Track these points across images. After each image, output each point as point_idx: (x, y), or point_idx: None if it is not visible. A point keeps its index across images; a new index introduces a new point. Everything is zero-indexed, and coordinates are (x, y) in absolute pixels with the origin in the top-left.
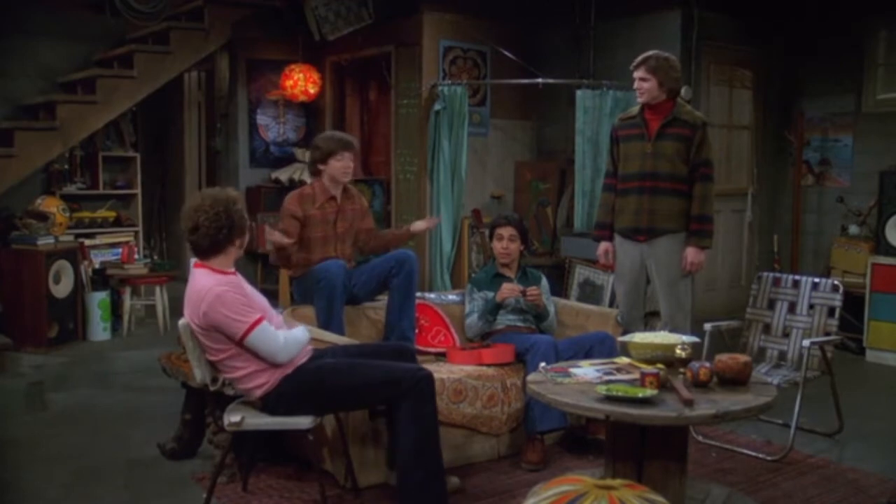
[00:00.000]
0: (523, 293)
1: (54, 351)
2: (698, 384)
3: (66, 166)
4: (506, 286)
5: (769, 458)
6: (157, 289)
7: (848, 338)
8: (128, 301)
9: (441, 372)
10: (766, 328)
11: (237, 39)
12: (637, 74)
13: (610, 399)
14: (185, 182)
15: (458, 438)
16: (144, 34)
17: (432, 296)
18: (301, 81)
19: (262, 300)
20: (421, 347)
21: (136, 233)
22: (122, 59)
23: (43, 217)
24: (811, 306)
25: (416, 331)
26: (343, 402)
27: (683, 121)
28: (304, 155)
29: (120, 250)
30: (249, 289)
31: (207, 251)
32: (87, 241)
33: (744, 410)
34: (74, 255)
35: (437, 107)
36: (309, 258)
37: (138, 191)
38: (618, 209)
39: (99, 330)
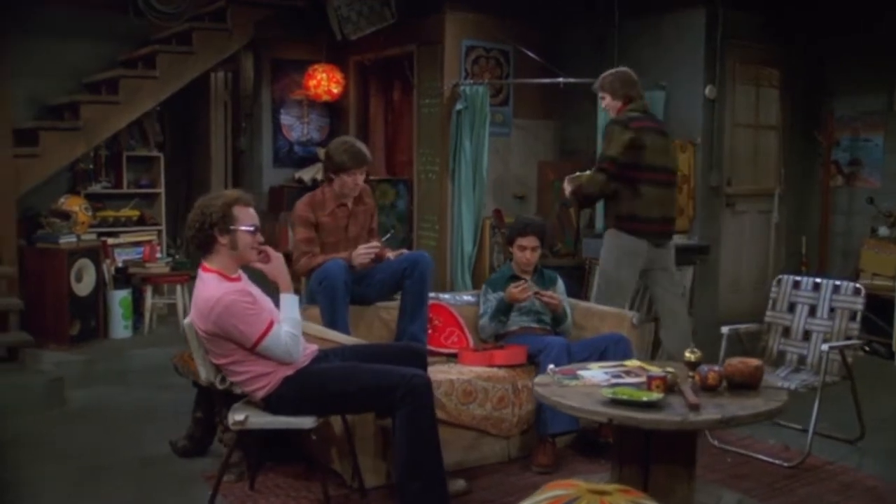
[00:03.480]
0: (537, 294)
1: (76, 348)
2: (707, 388)
3: (91, 166)
4: (512, 288)
5: (786, 464)
6: (179, 287)
7: (877, 342)
8: (149, 299)
9: (450, 373)
10: (786, 332)
11: (262, 39)
12: (599, 96)
13: (614, 402)
14: (211, 182)
15: (467, 440)
16: (168, 35)
17: (447, 296)
18: (324, 81)
19: (268, 301)
20: (433, 348)
21: (160, 232)
22: (145, 59)
23: (65, 216)
24: (832, 310)
25: (430, 331)
26: (340, 407)
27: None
28: None
29: (143, 249)
30: (256, 292)
31: (197, 248)
32: (111, 240)
33: (752, 416)
34: (96, 254)
35: (458, 106)
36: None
37: (161, 190)
38: None
39: (120, 328)
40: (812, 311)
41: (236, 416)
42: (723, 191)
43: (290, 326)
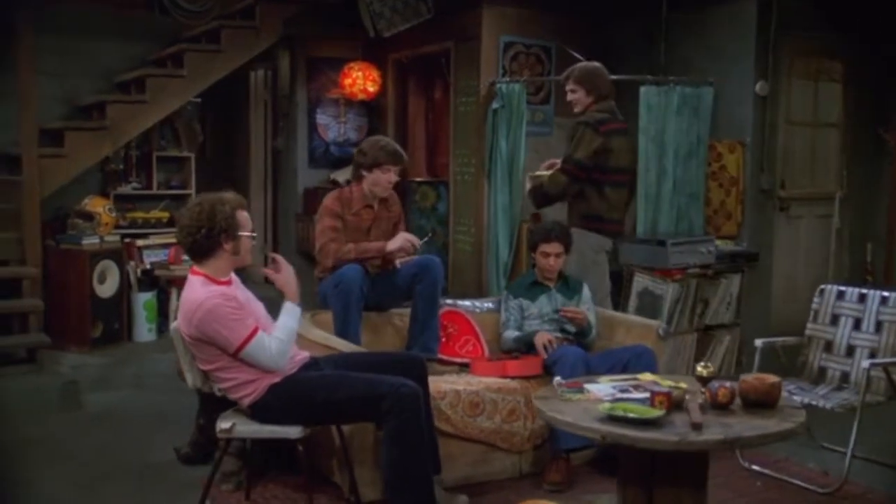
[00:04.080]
0: (561, 312)
1: (97, 351)
2: (717, 406)
3: (121, 166)
4: (541, 339)
5: (821, 489)
6: None
7: None
8: (174, 302)
9: (458, 383)
10: (828, 346)
11: (297, 37)
12: (567, 88)
13: (611, 419)
14: (250, 183)
15: (475, 454)
16: (198, 33)
17: (466, 303)
18: (360, 80)
19: (256, 307)
20: (446, 357)
21: None
22: (174, 58)
23: (89, 217)
24: (879, 323)
25: (444, 339)
26: (328, 417)
27: (574, 124)
28: None
29: (168, 251)
30: (244, 296)
31: (193, 253)
32: (140, 242)
33: (759, 437)
34: (120, 256)
35: (494, 105)
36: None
37: (192, 191)
38: None
39: (144, 331)
40: (857, 325)
41: (223, 425)
42: (775, 194)
43: (281, 334)
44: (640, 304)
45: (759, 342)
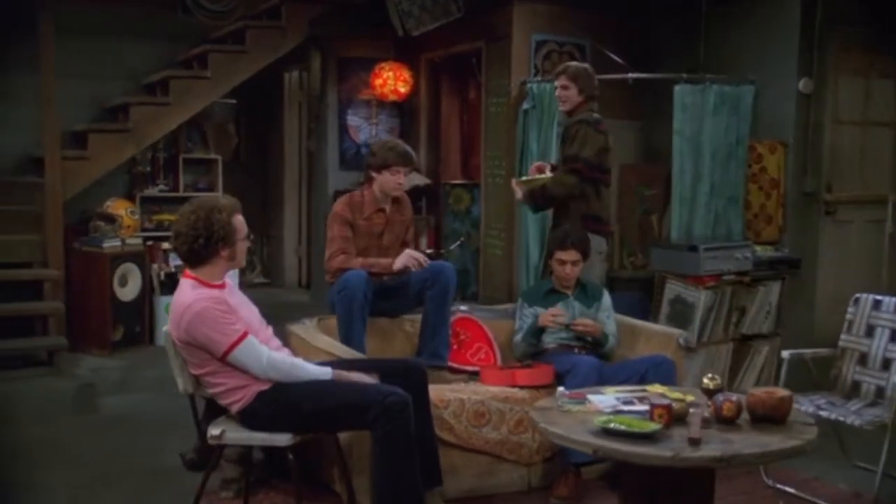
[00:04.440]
0: (567, 326)
1: (117, 354)
2: (723, 420)
3: (148, 168)
4: (545, 315)
5: None
6: None
7: None
8: None
9: (463, 392)
10: (863, 359)
11: (328, 37)
12: (558, 83)
13: (605, 433)
14: (284, 186)
15: (481, 465)
16: (224, 34)
17: (483, 310)
18: (391, 80)
19: (248, 314)
20: (457, 364)
21: None
22: (199, 59)
23: (111, 219)
24: None
25: (456, 347)
26: (315, 425)
27: (569, 124)
28: None
29: None
30: (236, 301)
31: (189, 260)
32: (166, 245)
33: (758, 455)
34: (142, 258)
35: (525, 105)
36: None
37: (219, 194)
38: None
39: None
40: (894, 337)
41: (213, 431)
42: (821, 197)
43: (291, 361)
44: (672, 312)
45: (786, 353)
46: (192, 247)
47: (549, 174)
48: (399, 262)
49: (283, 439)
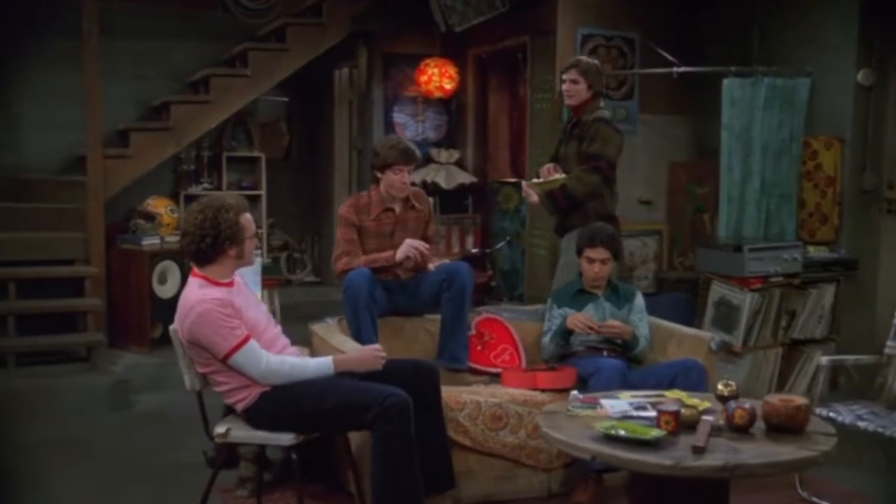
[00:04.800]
0: (595, 330)
1: (156, 351)
2: (735, 429)
3: (193, 167)
4: (572, 318)
5: None
6: (266, 292)
7: None
8: None
9: (480, 394)
10: None
11: (374, 33)
12: (567, 76)
13: (607, 439)
14: (334, 183)
15: (498, 470)
16: (268, 31)
17: (508, 311)
18: (436, 76)
19: (256, 314)
20: (479, 366)
21: (261, 235)
22: (241, 57)
23: (150, 217)
24: None
25: (480, 348)
26: (316, 425)
27: (583, 122)
28: (439, 155)
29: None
30: (243, 301)
31: (197, 259)
32: None
33: (765, 465)
34: (181, 256)
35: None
36: None
37: (262, 191)
38: None
39: None
40: None
41: (219, 429)
42: (882, 195)
43: (292, 363)
44: (717, 315)
45: (824, 360)
46: (199, 246)
47: (561, 175)
48: (400, 253)
49: (286, 439)
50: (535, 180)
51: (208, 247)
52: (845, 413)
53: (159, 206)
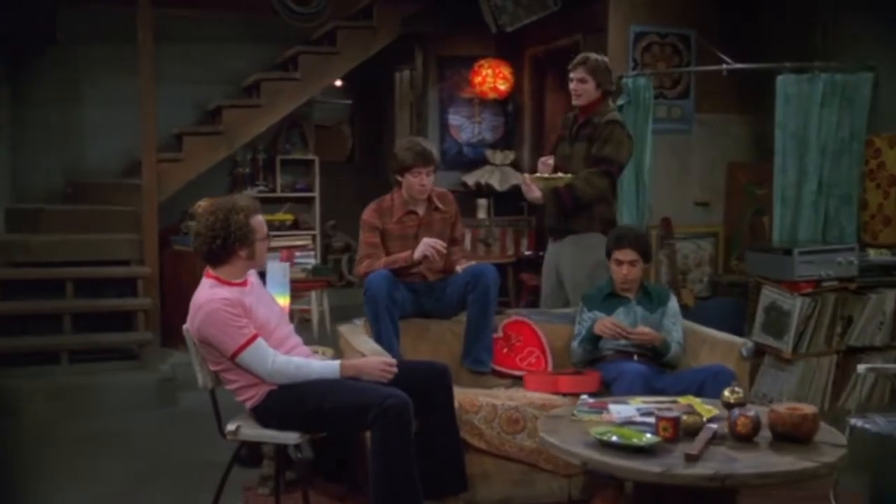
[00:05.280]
0: (623, 335)
1: None
2: (738, 437)
3: (248, 169)
4: (600, 324)
5: None
6: (314, 293)
7: None
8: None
9: (498, 398)
10: None
11: (429, 35)
12: (575, 75)
13: (601, 444)
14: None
15: (516, 473)
16: (321, 35)
17: (537, 314)
18: (490, 78)
19: (266, 313)
20: (503, 368)
21: (314, 236)
22: (294, 61)
23: None
24: None
25: (506, 350)
26: (319, 425)
27: (593, 123)
28: (494, 156)
29: (298, 253)
30: (253, 300)
31: (209, 260)
32: None
33: (758, 475)
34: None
35: (620, 101)
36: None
37: (316, 194)
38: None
39: None
40: None
41: (230, 426)
42: None
43: (298, 363)
44: (767, 320)
45: (861, 368)
46: (210, 247)
47: (566, 174)
48: (418, 252)
49: (291, 437)
50: (537, 175)
51: (219, 248)
52: (882, 423)
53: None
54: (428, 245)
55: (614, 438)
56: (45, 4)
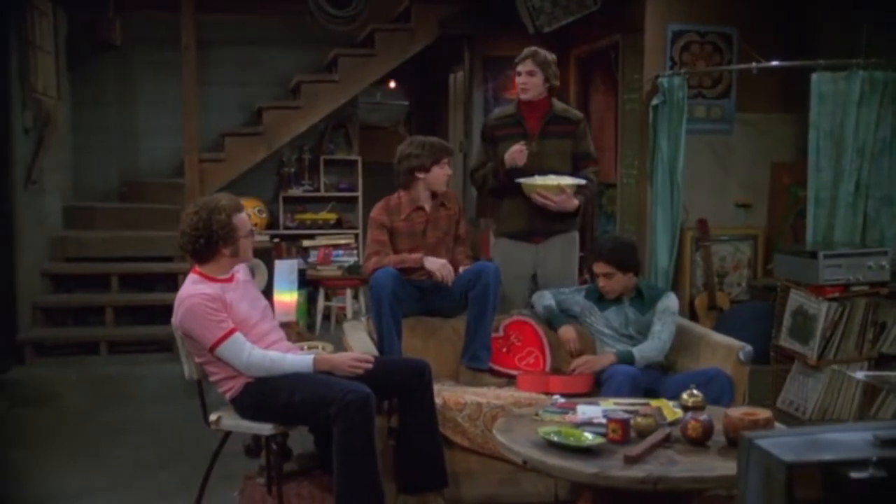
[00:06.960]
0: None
1: None
2: (690, 441)
3: (294, 169)
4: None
5: None
6: (349, 291)
7: None
8: (321, 301)
9: (484, 396)
10: None
11: (475, 36)
12: (523, 69)
13: (547, 444)
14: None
15: (502, 472)
16: (363, 38)
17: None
18: None
19: (248, 309)
20: (500, 368)
21: (356, 235)
22: (335, 63)
23: None
24: None
25: (505, 350)
26: (289, 418)
27: (564, 118)
28: None
29: (341, 252)
30: (236, 296)
31: (195, 257)
32: (306, 242)
33: (690, 479)
34: (269, 255)
35: (655, 101)
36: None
37: (359, 193)
38: (506, 212)
39: None
40: None
41: (212, 416)
42: None
43: (272, 357)
44: (794, 325)
45: (859, 375)
46: (195, 246)
47: (569, 178)
48: (430, 264)
49: (265, 428)
50: (542, 181)
51: (203, 247)
52: None
53: (248, 206)
54: (444, 266)
55: (555, 438)
56: (105, 10)
